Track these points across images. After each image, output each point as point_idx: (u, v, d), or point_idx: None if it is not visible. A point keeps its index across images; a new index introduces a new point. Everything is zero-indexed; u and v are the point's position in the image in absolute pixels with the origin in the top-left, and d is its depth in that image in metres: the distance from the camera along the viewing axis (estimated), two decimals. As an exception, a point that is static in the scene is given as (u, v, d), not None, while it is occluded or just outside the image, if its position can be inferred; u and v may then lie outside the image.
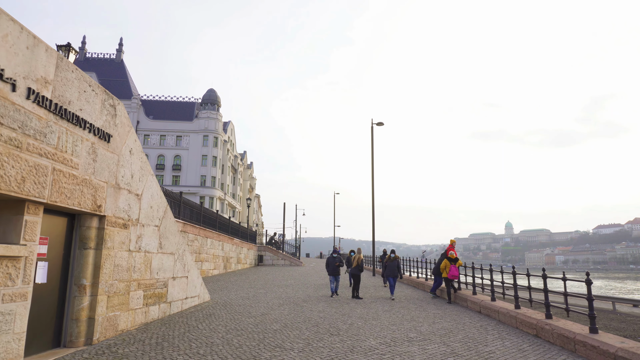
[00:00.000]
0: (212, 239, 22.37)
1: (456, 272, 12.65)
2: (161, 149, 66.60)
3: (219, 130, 67.56)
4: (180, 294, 9.93)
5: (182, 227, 18.05)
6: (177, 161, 66.21)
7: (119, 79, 72.28)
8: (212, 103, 68.38)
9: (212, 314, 9.79)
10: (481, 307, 10.88)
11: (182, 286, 10.05)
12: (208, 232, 21.71)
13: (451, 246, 13.95)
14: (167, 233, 9.14)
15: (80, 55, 74.14)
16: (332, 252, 15.05)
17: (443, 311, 11.18)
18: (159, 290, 8.79)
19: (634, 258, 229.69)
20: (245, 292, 14.63)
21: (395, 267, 14.49)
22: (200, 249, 20.52)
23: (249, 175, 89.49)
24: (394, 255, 15.06)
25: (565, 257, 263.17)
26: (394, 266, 14.50)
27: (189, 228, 18.93)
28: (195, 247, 19.70)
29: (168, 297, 9.25)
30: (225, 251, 25.25)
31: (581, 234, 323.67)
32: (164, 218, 9.04)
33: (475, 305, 11.29)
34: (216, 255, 23.21)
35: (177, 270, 9.70)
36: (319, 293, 14.91)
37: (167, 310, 9.18)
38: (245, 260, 30.64)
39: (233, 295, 13.78)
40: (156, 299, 8.69)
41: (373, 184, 25.98)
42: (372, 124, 26.82)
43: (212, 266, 22.45)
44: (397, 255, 15.19)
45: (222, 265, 24.33)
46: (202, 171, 65.49)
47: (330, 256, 14.58)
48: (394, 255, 15.12)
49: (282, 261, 35.44)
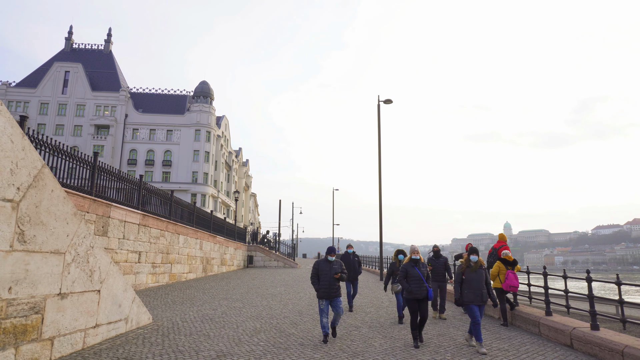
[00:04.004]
0: (185, 235, 18.35)
1: (516, 282, 8.64)
2: (151, 143, 62.51)
3: (212, 125, 63.54)
4: (80, 321, 5.92)
5: (141, 220, 14.07)
6: (167, 157, 62.12)
7: (107, 71, 68.30)
8: (204, 96, 64.38)
9: (130, 358, 5.80)
10: (574, 338, 6.82)
11: (86, 308, 6.06)
12: (180, 227, 17.69)
13: (503, 242, 9.96)
14: (43, 216, 5.16)
15: (67, 46, 70.14)
16: (327, 253, 7.58)
17: (509, 343, 7.19)
18: (18, 320, 4.80)
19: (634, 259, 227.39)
20: (213, 307, 10.61)
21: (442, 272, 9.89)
22: (169, 247, 16.50)
23: (244, 172, 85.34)
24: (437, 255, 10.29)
25: (565, 258, 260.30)
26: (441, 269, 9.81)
27: (152, 221, 14.92)
28: (161, 245, 15.68)
29: (46, 332, 5.25)
30: (205, 251, 21.22)
31: (580, 234, 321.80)
32: (35, 188, 5.05)
33: (560, 335, 7.19)
34: (192, 256, 19.18)
35: (71, 282, 5.71)
36: (315, 308, 10.83)
37: (39, 356, 5.18)
38: (231, 261, 26.60)
39: (193, 312, 9.77)
40: (11, 338, 4.71)
41: (380, 173, 21.97)
42: (378, 101, 22.86)
43: (186, 269, 18.42)
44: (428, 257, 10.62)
45: (200, 268, 20.29)
46: (193, 167, 61.43)
47: (322, 260, 7.59)
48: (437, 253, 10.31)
49: (275, 262, 31.40)
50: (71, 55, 68.12)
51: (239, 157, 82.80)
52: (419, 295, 7.02)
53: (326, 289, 7.20)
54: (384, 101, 22.70)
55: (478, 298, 6.88)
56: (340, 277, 7.26)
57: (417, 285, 7.07)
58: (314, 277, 7.40)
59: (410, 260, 7.38)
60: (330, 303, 7.26)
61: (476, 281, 6.94)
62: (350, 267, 10.86)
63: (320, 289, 7.25)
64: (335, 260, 7.48)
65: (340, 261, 7.60)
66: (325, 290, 7.20)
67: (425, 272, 7.29)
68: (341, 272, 7.31)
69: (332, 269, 7.31)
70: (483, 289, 7.01)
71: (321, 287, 7.24)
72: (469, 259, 7.17)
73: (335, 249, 7.52)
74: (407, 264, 7.42)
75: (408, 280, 7.19)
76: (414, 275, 7.16)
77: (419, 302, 7.08)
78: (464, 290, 7.01)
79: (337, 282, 7.32)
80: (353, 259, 11.15)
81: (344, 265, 7.50)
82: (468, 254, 7.22)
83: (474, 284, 6.95)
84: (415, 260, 7.34)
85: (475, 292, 6.91)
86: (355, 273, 11.06)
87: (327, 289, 7.20)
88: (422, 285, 7.06)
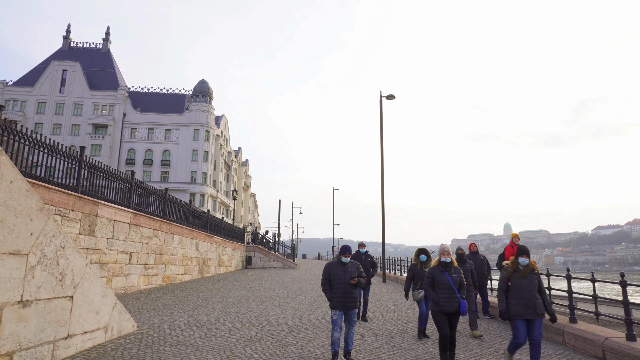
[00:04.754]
0: (181, 235, 17.61)
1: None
2: (149, 143, 61.80)
3: (211, 124, 62.82)
4: (47, 332, 5.19)
5: (132, 219, 13.34)
6: (166, 156, 61.41)
7: (105, 70, 67.60)
8: (203, 95, 63.67)
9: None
10: (607, 350, 5.97)
11: (55, 317, 5.32)
12: (175, 226, 16.95)
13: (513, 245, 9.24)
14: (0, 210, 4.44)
15: (65, 44, 69.43)
16: (341, 253, 6.20)
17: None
18: (-36, 333, 4.08)
19: (634, 259, 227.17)
20: (206, 312, 9.87)
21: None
22: (163, 248, 15.76)
23: (243, 172, 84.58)
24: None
25: (565, 258, 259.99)
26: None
27: (144, 220, 14.19)
28: (154, 246, 14.95)
29: (3, 346, 4.50)
30: (202, 251, 20.47)
31: (580, 235, 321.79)
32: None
33: (589, 346, 6.41)
34: (187, 257, 18.44)
35: (36, 288, 4.98)
36: (315, 313, 10.13)
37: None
38: (229, 262, 25.84)
39: (184, 317, 9.02)
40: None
41: (382, 168, 21.24)
42: (380, 96, 22.13)
43: (181, 270, 17.68)
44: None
45: (196, 269, 19.54)
46: (192, 167, 60.71)
47: (334, 262, 6.23)
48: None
49: (275, 263, 30.66)
50: (69, 53, 67.42)
51: (238, 156, 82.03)
52: (449, 308, 5.75)
53: (340, 297, 5.86)
54: (386, 96, 21.98)
55: (530, 310, 5.45)
56: (357, 283, 5.95)
57: (446, 296, 5.80)
58: (325, 283, 6.07)
59: (439, 264, 6.04)
60: (345, 315, 5.97)
61: (526, 289, 5.54)
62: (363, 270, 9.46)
63: (334, 297, 5.90)
64: (350, 261, 6.12)
65: (357, 262, 6.23)
66: (340, 299, 5.86)
67: (458, 279, 5.95)
68: (359, 277, 6.00)
69: (347, 273, 5.97)
70: (536, 298, 5.52)
71: (335, 296, 5.90)
72: (517, 262, 5.76)
73: (351, 249, 6.14)
74: (434, 267, 6.09)
75: (435, 289, 5.91)
76: (443, 282, 5.88)
77: (449, 317, 5.80)
78: (511, 301, 5.61)
79: (354, 289, 5.98)
80: (365, 260, 9.62)
81: (361, 268, 6.19)
82: (516, 255, 5.81)
83: (523, 293, 5.53)
84: (446, 264, 6.00)
85: (526, 303, 5.48)
86: (367, 276, 9.40)
87: (341, 298, 5.86)
88: (452, 296, 5.80)
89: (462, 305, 5.76)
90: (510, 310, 5.55)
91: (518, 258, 5.72)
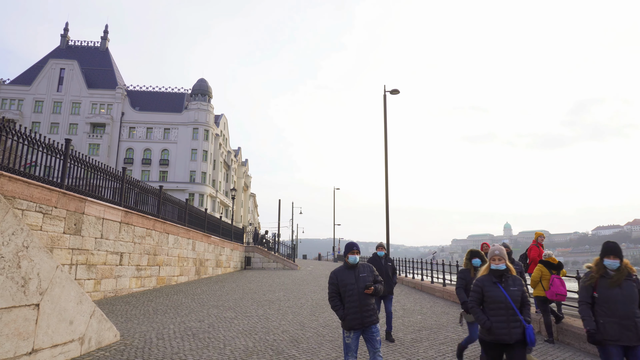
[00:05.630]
0: (176, 235, 16.81)
1: (564, 289, 7.11)
2: (148, 142, 60.99)
3: (210, 123, 62.03)
4: (5, 347, 4.36)
5: (123, 217, 12.55)
6: (164, 155, 60.62)
7: (103, 68, 66.79)
8: (202, 94, 62.89)
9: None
10: None
11: (16, 329, 4.51)
12: (170, 225, 16.15)
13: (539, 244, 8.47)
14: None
15: (62, 43, 68.64)
16: (347, 251, 4.68)
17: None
18: None
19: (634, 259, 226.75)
20: (200, 318, 9.06)
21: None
22: (157, 248, 14.96)
23: (243, 172, 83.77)
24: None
25: (565, 259, 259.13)
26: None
27: (136, 219, 13.40)
28: (147, 246, 14.16)
29: (-57, 365, 3.75)
30: (199, 252, 19.67)
31: (580, 235, 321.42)
32: None
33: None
34: (183, 257, 17.63)
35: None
36: (319, 319, 9.32)
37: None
38: (227, 263, 25.03)
39: (175, 324, 8.22)
40: None
41: (386, 163, 20.43)
42: (384, 91, 21.33)
43: (177, 271, 16.87)
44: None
45: (192, 270, 18.74)
46: (191, 166, 59.92)
47: (341, 268, 4.72)
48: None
49: (274, 264, 29.85)
50: (67, 52, 66.64)
51: (238, 156, 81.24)
52: (507, 338, 3.90)
53: (356, 314, 4.38)
54: (390, 91, 21.18)
55: (629, 333, 3.82)
56: (375, 292, 4.46)
57: (502, 319, 3.95)
58: (333, 297, 4.57)
59: (490, 272, 4.17)
60: (363, 334, 4.48)
61: (621, 302, 3.88)
62: (383, 277, 7.34)
63: (348, 315, 4.41)
64: (361, 263, 4.65)
65: (371, 265, 4.72)
66: (356, 316, 4.38)
67: (519, 293, 4.06)
68: (375, 283, 4.54)
69: (359, 280, 4.48)
70: (636, 316, 3.86)
71: (349, 313, 4.40)
72: (602, 264, 4.09)
73: (358, 246, 4.67)
74: (484, 277, 4.19)
75: (485, 308, 4.09)
76: (496, 298, 4.02)
77: (507, 350, 3.96)
78: (599, 319, 3.98)
79: (371, 299, 4.52)
80: (385, 265, 7.65)
81: (376, 271, 4.71)
82: (601, 256, 4.15)
83: (616, 308, 3.89)
84: (500, 273, 4.12)
85: (622, 323, 3.84)
86: (390, 285, 7.57)
87: (357, 314, 4.38)
88: (512, 319, 3.94)
89: (529, 332, 3.92)
90: (603, 331, 3.94)
91: (603, 260, 4.12)
